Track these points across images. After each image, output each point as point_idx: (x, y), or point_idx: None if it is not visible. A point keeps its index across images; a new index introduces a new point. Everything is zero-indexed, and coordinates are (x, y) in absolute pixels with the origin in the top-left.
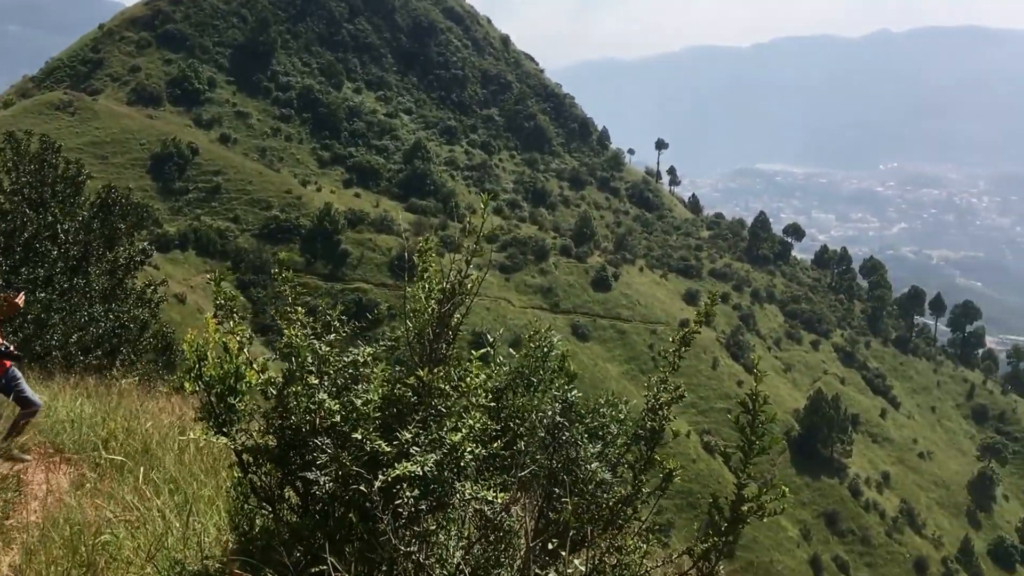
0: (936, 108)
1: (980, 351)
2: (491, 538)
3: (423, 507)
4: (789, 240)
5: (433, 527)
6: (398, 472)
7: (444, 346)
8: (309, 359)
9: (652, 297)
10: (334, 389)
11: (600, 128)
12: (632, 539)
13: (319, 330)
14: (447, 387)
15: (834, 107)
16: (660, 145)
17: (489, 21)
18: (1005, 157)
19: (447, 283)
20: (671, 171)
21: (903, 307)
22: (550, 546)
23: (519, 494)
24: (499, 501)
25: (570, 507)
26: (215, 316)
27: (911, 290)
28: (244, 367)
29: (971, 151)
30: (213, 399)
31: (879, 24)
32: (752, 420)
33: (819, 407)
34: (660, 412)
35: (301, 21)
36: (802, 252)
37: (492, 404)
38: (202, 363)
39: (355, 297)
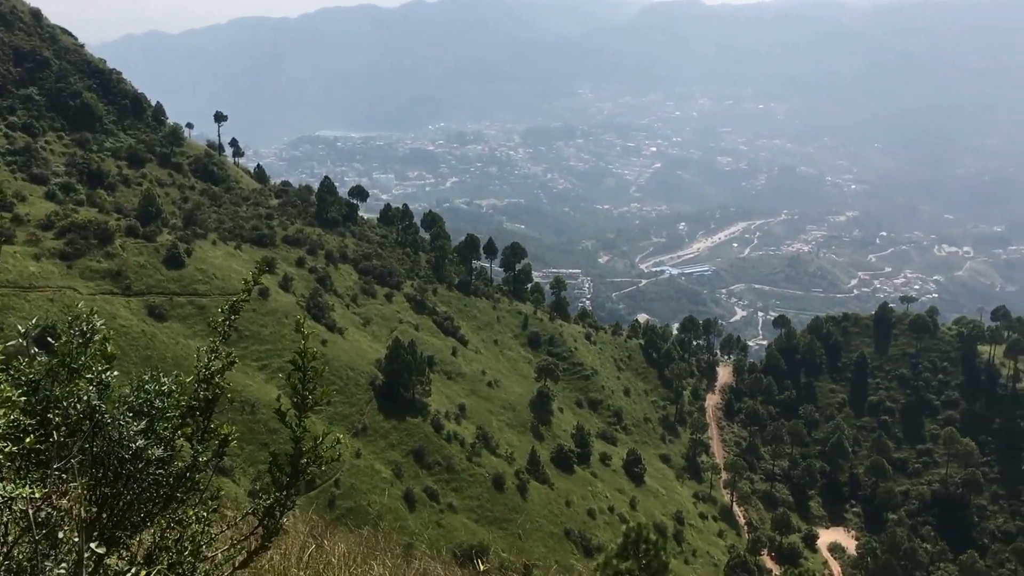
0: (472, 71)
1: (529, 286)
2: (36, 536)
3: None
4: (355, 202)
5: None
6: None
7: None
8: None
9: (229, 269)
10: None
11: (154, 103)
12: (194, 510)
13: None
14: None
15: (383, 73)
16: (219, 117)
17: None
18: (533, 113)
19: None
20: (233, 143)
21: (462, 254)
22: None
23: (65, 486)
24: (38, 496)
25: (81, 489)
26: None
27: (467, 238)
28: None
29: (505, 109)
30: None
31: None
32: (303, 377)
33: (398, 354)
34: (214, 381)
35: None
36: (368, 212)
37: (25, 398)
38: None
39: None
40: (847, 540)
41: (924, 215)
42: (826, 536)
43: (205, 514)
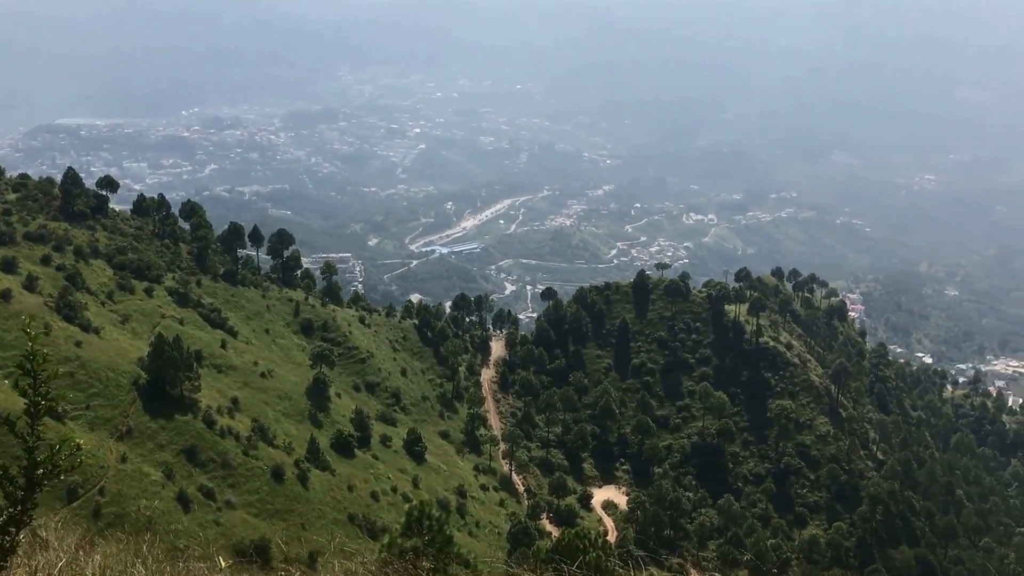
0: (225, 56)
1: (299, 272)
2: None
3: None
4: (104, 193)
5: None
6: None
7: None
8: None
9: None
10: None
11: None
12: None
13: None
14: None
15: (129, 57)
16: None
17: None
18: (293, 97)
19: None
20: None
21: (226, 243)
22: None
23: None
24: None
25: None
26: None
27: (230, 226)
28: None
29: (263, 94)
30: None
31: None
32: (34, 382)
33: (162, 351)
34: None
35: None
36: (120, 203)
37: None
38: None
39: None
40: (619, 496)
41: (673, 186)
42: (600, 495)
43: None
